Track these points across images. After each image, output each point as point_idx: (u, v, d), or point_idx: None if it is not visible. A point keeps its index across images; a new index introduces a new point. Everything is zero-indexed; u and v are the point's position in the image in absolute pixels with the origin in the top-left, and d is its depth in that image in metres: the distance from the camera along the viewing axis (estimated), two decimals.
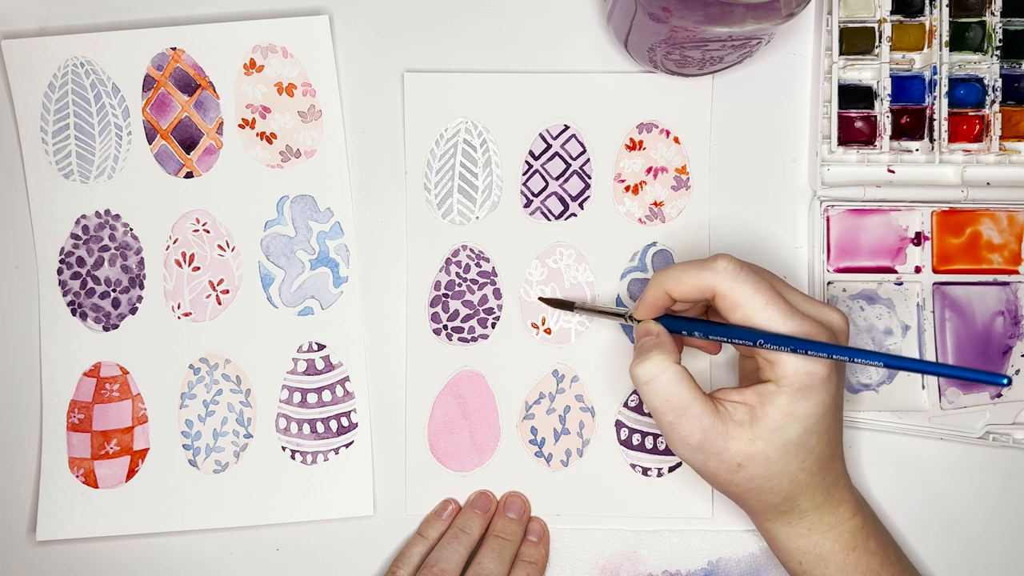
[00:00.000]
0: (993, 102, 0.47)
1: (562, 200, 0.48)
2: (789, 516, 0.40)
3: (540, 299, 0.48)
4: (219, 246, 0.48)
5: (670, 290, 0.39)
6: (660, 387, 0.38)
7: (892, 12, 0.46)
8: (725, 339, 0.38)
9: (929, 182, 0.47)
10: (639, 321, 0.41)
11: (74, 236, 0.48)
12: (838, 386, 0.38)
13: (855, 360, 0.36)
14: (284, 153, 0.48)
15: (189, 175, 0.48)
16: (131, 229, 0.48)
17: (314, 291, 0.48)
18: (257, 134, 0.48)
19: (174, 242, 0.48)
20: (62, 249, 0.48)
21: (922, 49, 0.47)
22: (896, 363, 0.35)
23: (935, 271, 0.47)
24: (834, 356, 0.36)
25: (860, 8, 0.47)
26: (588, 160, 0.48)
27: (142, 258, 0.48)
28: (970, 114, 0.47)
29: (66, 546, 0.48)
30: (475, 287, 0.48)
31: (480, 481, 0.48)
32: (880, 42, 0.46)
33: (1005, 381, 0.33)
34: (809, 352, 0.36)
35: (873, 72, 0.47)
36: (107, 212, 0.48)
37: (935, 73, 0.46)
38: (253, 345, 0.48)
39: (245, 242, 0.48)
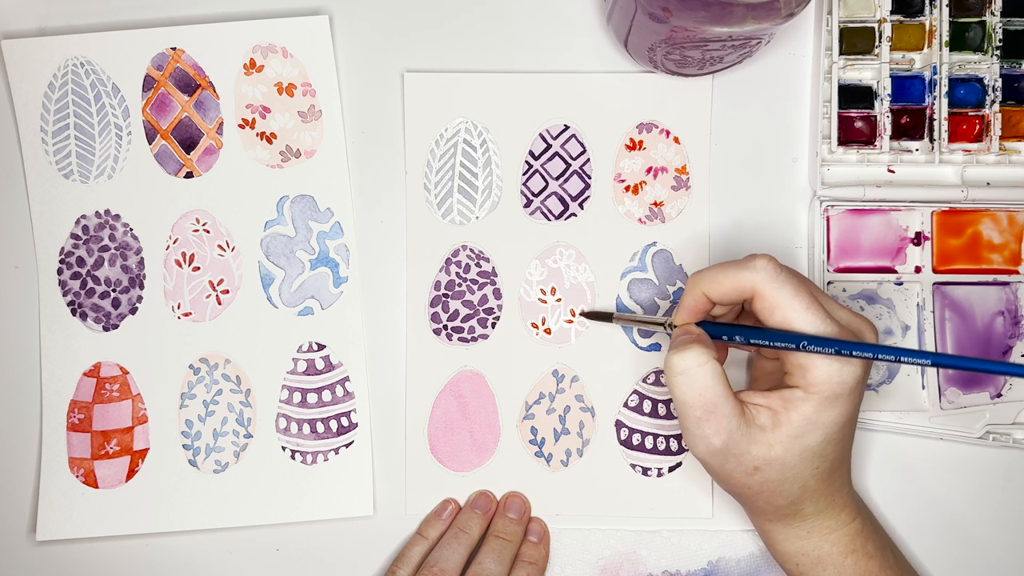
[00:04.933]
0: (993, 102, 0.47)
1: (562, 200, 0.48)
2: (792, 519, 0.40)
3: (581, 313, 0.48)
4: (219, 246, 0.48)
5: (708, 292, 0.38)
6: (696, 379, 0.37)
7: (892, 12, 0.46)
8: (767, 343, 0.37)
9: (929, 182, 0.47)
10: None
11: (74, 236, 0.48)
12: (860, 397, 0.38)
13: (901, 360, 0.35)
14: (284, 153, 0.48)
15: (189, 175, 0.48)
16: (131, 229, 0.48)
17: (314, 291, 0.48)
18: (257, 134, 0.48)
19: (174, 242, 0.48)
20: (62, 249, 0.48)
21: (922, 49, 0.47)
22: (944, 361, 0.35)
23: (935, 271, 0.47)
24: (879, 357, 0.35)
25: (860, 8, 0.47)
26: (588, 160, 0.48)
27: (142, 258, 0.48)
28: (970, 114, 0.47)
29: (66, 546, 0.48)
30: (475, 287, 0.48)
31: (480, 481, 0.48)
32: (880, 42, 0.46)
33: None
34: (854, 354, 0.35)
35: (873, 72, 0.47)
36: (107, 212, 0.48)
37: (935, 73, 0.46)
38: (253, 345, 0.48)
39: (245, 242, 0.48)
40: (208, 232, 0.48)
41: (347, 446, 0.48)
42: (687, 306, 0.40)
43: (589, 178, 0.48)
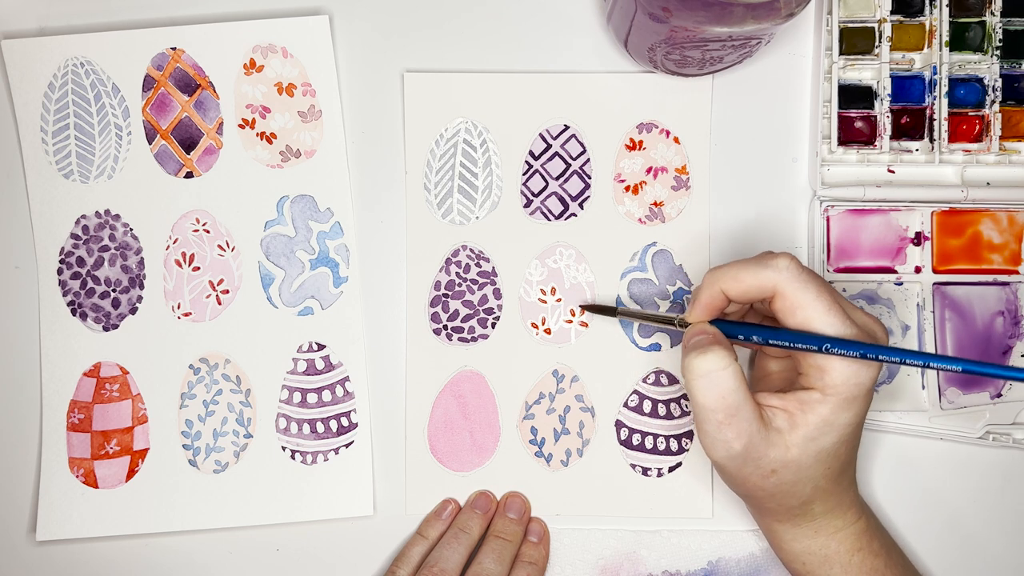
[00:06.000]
0: (993, 102, 0.47)
1: (562, 200, 0.48)
2: (800, 519, 0.40)
3: (581, 306, 0.48)
4: (219, 246, 0.48)
5: (727, 289, 0.38)
6: (719, 383, 0.36)
7: (892, 12, 0.46)
8: (787, 344, 0.36)
9: (929, 182, 0.47)
10: (689, 325, 0.39)
11: (74, 236, 0.48)
12: (871, 397, 0.38)
13: (930, 365, 0.34)
14: (284, 153, 0.48)
15: (189, 175, 0.48)
16: (131, 229, 0.48)
17: (314, 291, 0.48)
18: (257, 134, 0.48)
19: (174, 242, 0.48)
20: (62, 249, 0.48)
21: (922, 49, 0.47)
22: (975, 368, 0.33)
23: (935, 271, 0.47)
24: (907, 361, 0.35)
25: (860, 8, 0.47)
26: (588, 160, 0.48)
27: (142, 258, 0.48)
28: (970, 114, 0.47)
29: (66, 546, 0.48)
30: (475, 287, 0.48)
31: (480, 481, 0.48)
32: (880, 42, 0.46)
33: None
34: (880, 358, 0.35)
35: (873, 72, 0.47)
36: (107, 212, 0.48)
37: (935, 73, 0.46)
38: (253, 345, 0.48)
39: (245, 242, 0.48)
40: (208, 232, 0.48)
41: (347, 446, 0.48)
42: (703, 303, 0.39)
43: (589, 178, 0.48)
